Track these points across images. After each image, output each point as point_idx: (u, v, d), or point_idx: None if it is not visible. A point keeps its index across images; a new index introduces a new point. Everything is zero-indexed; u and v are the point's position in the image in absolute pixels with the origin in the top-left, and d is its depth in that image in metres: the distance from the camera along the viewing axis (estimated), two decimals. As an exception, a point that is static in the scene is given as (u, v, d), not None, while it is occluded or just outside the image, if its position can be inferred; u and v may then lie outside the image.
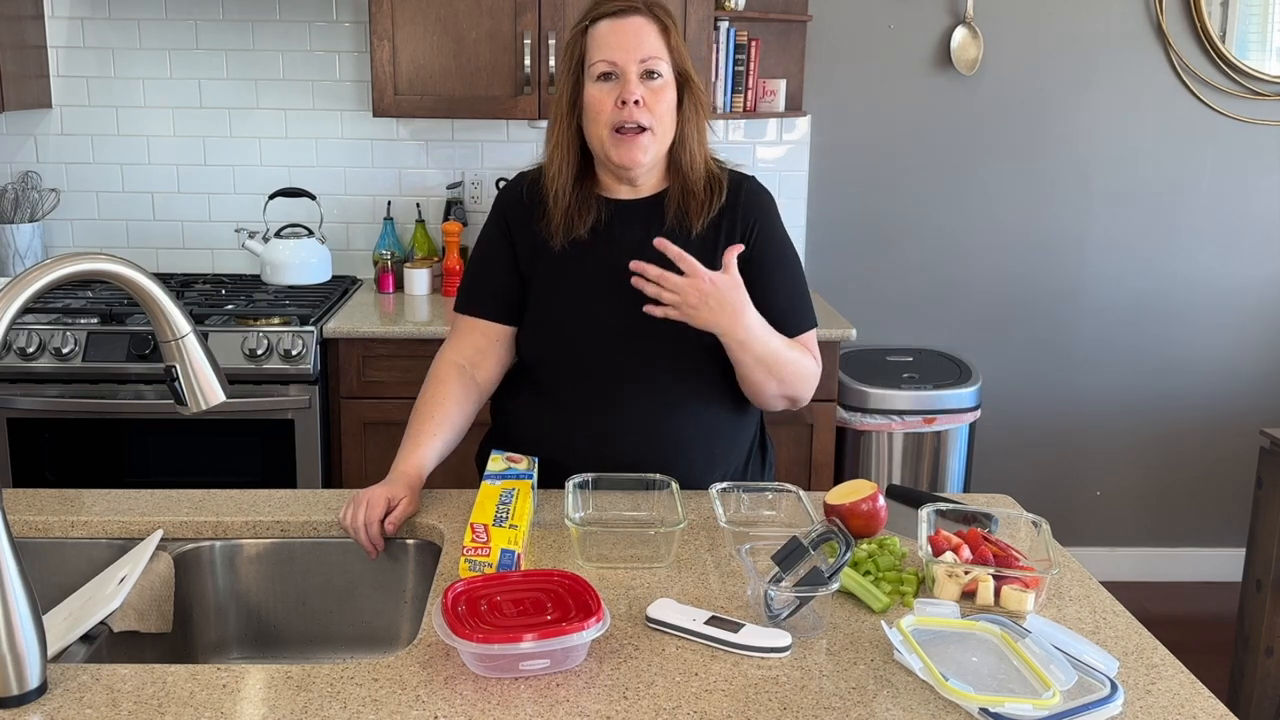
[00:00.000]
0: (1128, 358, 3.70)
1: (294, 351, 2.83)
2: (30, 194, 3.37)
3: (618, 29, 1.66)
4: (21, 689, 1.12)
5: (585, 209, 1.74)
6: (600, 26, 1.68)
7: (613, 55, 1.66)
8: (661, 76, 1.67)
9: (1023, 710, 1.10)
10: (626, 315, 1.70)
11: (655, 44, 1.67)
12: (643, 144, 1.67)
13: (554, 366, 1.77)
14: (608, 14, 1.67)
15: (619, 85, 1.66)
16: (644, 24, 1.66)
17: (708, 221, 1.74)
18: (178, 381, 1.27)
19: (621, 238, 1.74)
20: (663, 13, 1.69)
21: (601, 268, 1.73)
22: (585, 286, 1.74)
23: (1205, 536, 3.82)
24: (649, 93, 1.66)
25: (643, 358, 1.72)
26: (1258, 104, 3.55)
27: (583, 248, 1.74)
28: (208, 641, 1.61)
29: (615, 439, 1.72)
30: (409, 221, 3.48)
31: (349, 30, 3.38)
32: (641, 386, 1.73)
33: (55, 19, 3.34)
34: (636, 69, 1.65)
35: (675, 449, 1.74)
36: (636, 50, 1.65)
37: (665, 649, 1.25)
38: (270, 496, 1.69)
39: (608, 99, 1.66)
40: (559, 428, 1.76)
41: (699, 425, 1.76)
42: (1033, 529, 1.50)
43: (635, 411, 1.73)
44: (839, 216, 3.57)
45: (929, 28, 3.48)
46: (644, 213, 1.76)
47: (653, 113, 1.67)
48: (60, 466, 2.87)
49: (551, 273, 1.76)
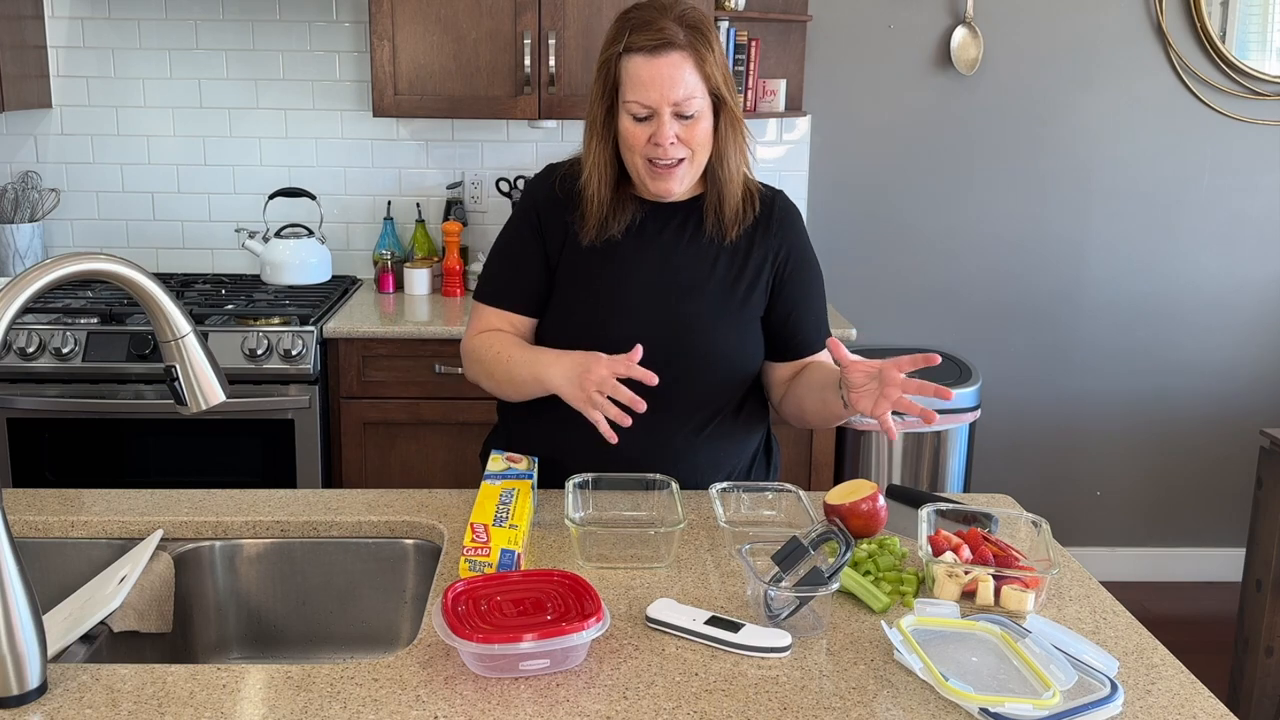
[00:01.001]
0: (1128, 357, 3.70)
1: (294, 351, 2.83)
2: (30, 194, 3.36)
3: (653, 68, 1.62)
4: (21, 689, 1.12)
5: (622, 211, 1.74)
6: (635, 61, 1.63)
7: (647, 99, 1.63)
8: (697, 111, 1.65)
9: (1023, 710, 1.10)
10: (650, 315, 1.72)
11: (690, 81, 1.62)
12: (678, 175, 1.68)
13: None
14: (643, 48, 1.62)
15: (654, 124, 1.64)
16: (680, 60, 1.62)
17: (741, 230, 1.75)
18: (178, 381, 1.27)
19: (654, 238, 1.75)
20: (698, 38, 1.64)
21: (632, 266, 1.74)
22: (614, 284, 1.74)
23: (1205, 536, 3.82)
24: (683, 129, 1.65)
25: (662, 359, 1.69)
26: (1258, 104, 3.55)
27: (613, 245, 1.75)
28: (208, 641, 1.61)
29: (624, 437, 1.71)
30: (409, 221, 3.48)
31: (349, 30, 3.38)
32: (657, 388, 1.72)
33: (55, 19, 3.34)
34: (670, 110, 1.63)
35: (684, 452, 1.74)
36: (671, 93, 1.62)
37: (665, 649, 1.25)
38: (270, 496, 1.69)
39: (642, 134, 1.65)
40: (568, 422, 1.73)
41: (710, 429, 1.77)
42: (1033, 529, 1.50)
43: (647, 413, 1.72)
44: (839, 216, 3.57)
45: (929, 28, 3.48)
46: (679, 216, 1.76)
47: (689, 145, 1.66)
48: (60, 466, 2.87)
49: (580, 267, 1.76)
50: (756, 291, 1.77)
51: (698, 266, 1.74)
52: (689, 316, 1.72)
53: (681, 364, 1.71)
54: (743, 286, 1.76)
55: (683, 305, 1.73)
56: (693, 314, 1.73)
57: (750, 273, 1.76)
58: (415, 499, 1.68)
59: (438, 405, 2.96)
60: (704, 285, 1.74)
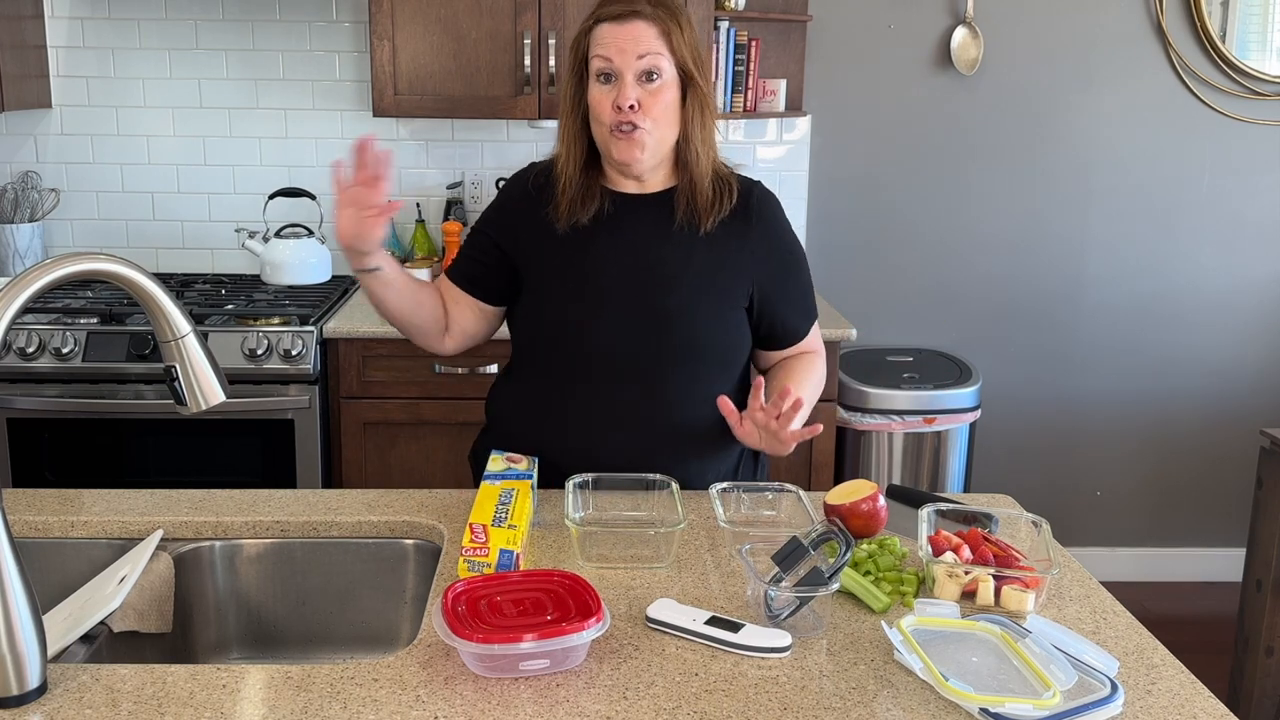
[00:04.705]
0: (1128, 357, 3.70)
1: (294, 351, 2.83)
2: (30, 194, 3.36)
3: (617, 31, 1.67)
4: (21, 689, 1.12)
5: (589, 197, 1.75)
6: (602, 28, 1.69)
7: (610, 55, 1.67)
8: (661, 77, 1.67)
9: (1023, 710, 1.10)
10: (627, 309, 1.72)
11: (654, 43, 1.67)
12: (639, 140, 1.69)
13: (548, 354, 1.78)
14: (610, 17, 1.68)
15: (616, 87, 1.67)
16: (645, 28, 1.67)
17: (717, 220, 1.75)
18: (178, 381, 1.27)
19: (626, 231, 1.75)
20: (666, 14, 1.69)
21: (604, 259, 1.74)
22: (587, 276, 1.75)
23: (1205, 536, 3.82)
24: (646, 95, 1.67)
25: (638, 352, 1.72)
26: (1258, 104, 3.55)
27: (586, 238, 1.75)
28: (208, 641, 1.61)
29: (606, 432, 1.73)
30: (409, 221, 3.48)
31: (349, 30, 3.38)
32: (635, 380, 1.73)
33: (55, 19, 3.34)
34: (634, 70, 1.66)
35: (666, 445, 1.74)
36: (634, 50, 1.66)
37: (665, 649, 1.25)
38: (270, 496, 1.69)
39: (607, 100, 1.68)
40: (550, 419, 1.77)
41: (692, 423, 1.76)
42: (1033, 529, 1.50)
43: (627, 404, 1.73)
44: (839, 216, 3.57)
45: (929, 28, 3.48)
46: (651, 207, 1.77)
47: (649, 114, 1.67)
48: (60, 466, 2.87)
49: (554, 259, 1.77)
50: (737, 283, 1.77)
51: (674, 259, 1.74)
52: (667, 309, 1.73)
53: (663, 357, 1.73)
54: (722, 278, 1.76)
55: (660, 298, 1.73)
56: (671, 307, 1.73)
57: (730, 264, 1.76)
58: (415, 499, 1.68)
59: (438, 405, 2.96)
60: (681, 277, 1.74)
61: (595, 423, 1.74)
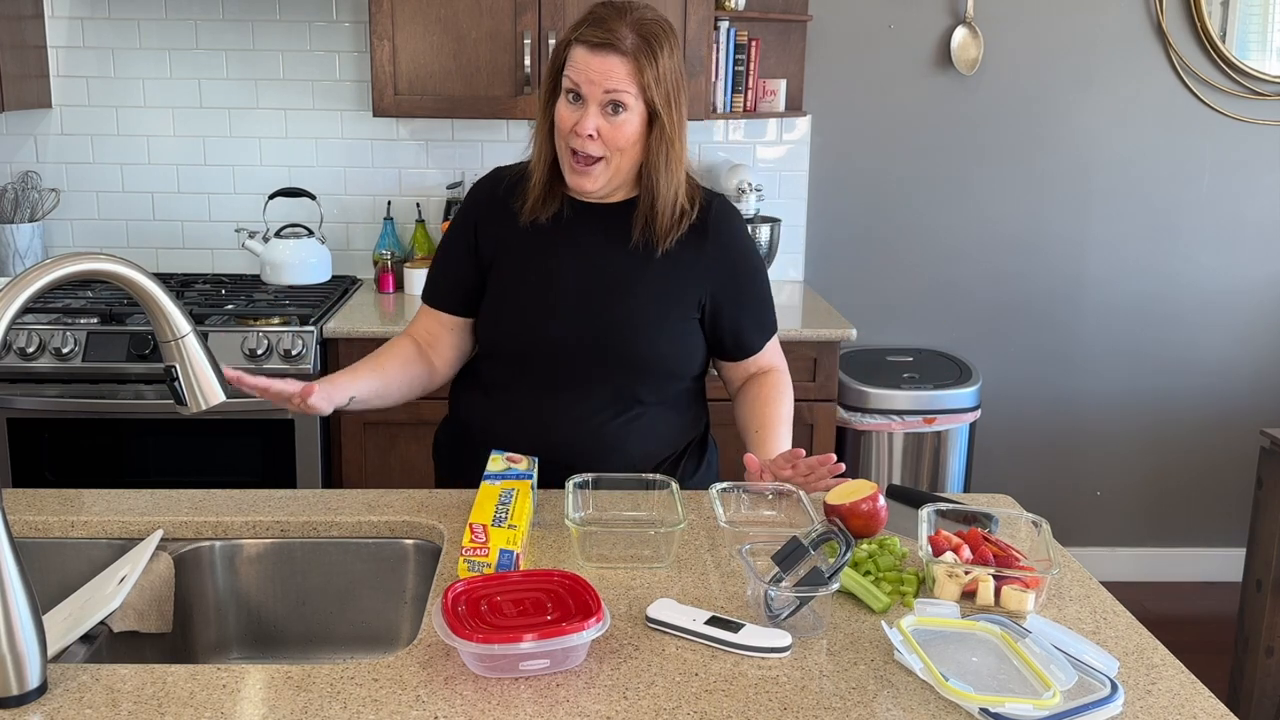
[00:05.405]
0: (1128, 357, 3.70)
1: (294, 351, 2.83)
2: (30, 194, 3.36)
3: (590, 60, 1.65)
4: (21, 689, 1.12)
5: (551, 198, 1.78)
6: (578, 51, 1.67)
7: (579, 80, 1.66)
8: (625, 110, 1.67)
9: (1023, 710, 1.10)
10: (577, 316, 1.76)
11: (622, 81, 1.65)
12: (594, 174, 1.71)
13: (504, 353, 1.82)
14: (587, 41, 1.66)
15: (581, 109, 1.67)
16: (617, 63, 1.64)
17: (674, 241, 1.76)
18: (178, 381, 1.27)
19: (582, 239, 1.78)
20: (644, 48, 1.66)
21: (559, 266, 1.78)
22: (543, 279, 1.78)
23: (1205, 536, 3.82)
24: (609, 126, 1.67)
25: (588, 354, 1.76)
26: (1258, 104, 3.55)
27: (546, 244, 1.78)
28: (208, 641, 1.61)
29: (553, 429, 1.77)
30: (409, 221, 3.48)
31: (349, 30, 3.38)
32: (583, 381, 1.77)
33: (55, 19, 3.34)
34: (598, 101, 1.66)
35: (610, 442, 1.78)
36: (602, 83, 1.65)
37: (665, 649, 1.25)
38: (270, 496, 1.69)
39: (570, 119, 1.68)
40: (503, 414, 1.81)
41: (636, 423, 1.79)
42: (1033, 529, 1.50)
43: (572, 403, 1.77)
44: (839, 216, 3.57)
45: (929, 28, 3.48)
46: (609, 220, 1.78)
47: (608, 145, 1.68)
48: (60, 466, 2.87)
49: (514, 263, 1.80)
50: (690, 296, 1.79)
51: (627, 271, 1.76)
52: (617, 319, 1.75)
53: (611, 364, 1.76)
54: (675, 292, 1.78)
55: (610, 309, 1.75)
56: (620, 317, 1.75)
57: (684, 279, 1.78)
58: (415, 499, 1.68)
59: (438, 405, 2.93)
60: (633, 289, 1.76)
61: (545, 421, 1.78)
